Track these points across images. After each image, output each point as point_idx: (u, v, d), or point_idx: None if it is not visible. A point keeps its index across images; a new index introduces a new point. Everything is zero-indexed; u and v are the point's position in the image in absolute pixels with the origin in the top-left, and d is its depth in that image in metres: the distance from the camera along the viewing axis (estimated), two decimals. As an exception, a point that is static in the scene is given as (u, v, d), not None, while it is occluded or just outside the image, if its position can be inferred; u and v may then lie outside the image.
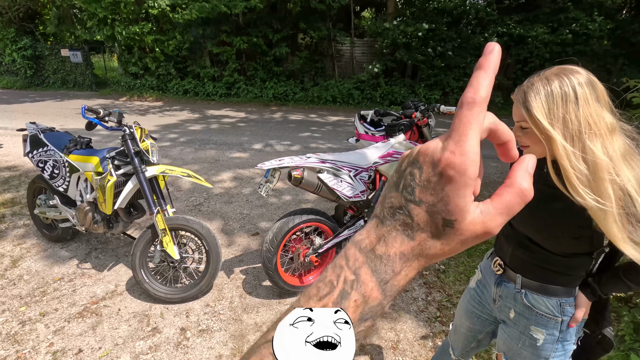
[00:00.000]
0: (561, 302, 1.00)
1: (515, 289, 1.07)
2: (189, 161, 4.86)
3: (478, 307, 1.25)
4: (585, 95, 0.82)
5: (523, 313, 1.06)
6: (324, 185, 2.12)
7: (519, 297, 1.06)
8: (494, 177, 4.85)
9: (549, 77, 0.86)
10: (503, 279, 1.12)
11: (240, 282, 2.47)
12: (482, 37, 9.71)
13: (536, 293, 1.03)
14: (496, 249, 1.18)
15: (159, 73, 10.33)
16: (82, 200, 2.43)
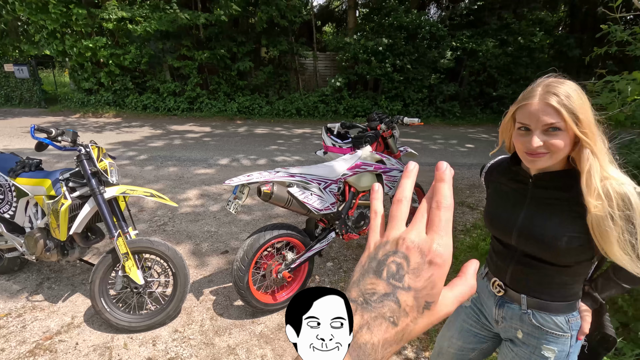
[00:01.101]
0: (568, 317, 1.01)
1: (521, 310, 1.05)
2: (151, 179, 4.66)
3: (475, 324, 1.22)
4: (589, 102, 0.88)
5: (532, 333, 1.04)
6: (294, 199, 2.11)
7: (526, 318, 1.04)
8: (482, 182, 5.05)
9: (567, 84, 0.89)
10: (505, 300, 1.09)
11: (211, 303, 2.37)
12: (437, 51, 10.24)
13: (544, 312, 1.01)
14: (490, 269, 1.16)
15: (115, 88, 9.90)
16: (31, 227, 2.25)
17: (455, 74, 11.13)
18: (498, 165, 1.16)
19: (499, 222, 1.07)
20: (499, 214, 1.08)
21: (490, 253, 1.17)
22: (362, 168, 2.46)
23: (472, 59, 10.57)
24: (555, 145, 0.89)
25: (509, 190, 1.07)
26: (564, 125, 0.87)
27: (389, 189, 2.71)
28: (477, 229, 3.48)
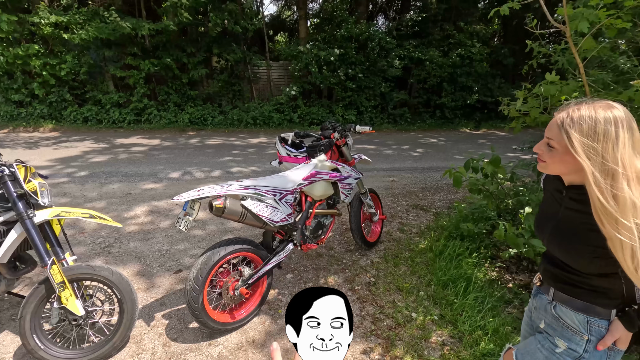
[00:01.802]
0: (589, 319, 1.00)
1: (547, 300, 1.11)
2: (93, 198, 4.31)
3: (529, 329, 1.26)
4: (624, 138, 0.85)
5: (551, 324, 1.09)
6: (248, 213, 2.04)
7: (549, 308, 1.09)
8: (433, 183, 5.23)
9: (596, 110, 0.88)
10: (539, 290, 1.17)
11: (163, 328, 2.21)
12: (385, 60, 10.65)
13: (564, 306, 1.05)
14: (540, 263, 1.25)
15: (50, 100, 9.12)
16: (-55, 260, 1.96)
17: (404, 82, 11.65)
18: None
19: (537, 224, 1.15)
20: (540, 219, 1.14)
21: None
22: (317, 177, 2.45)
23: (419, 68, 11.14)
24: (543, 158, 0.99)
25: (551, 197, 1.12)
26: (556, 144, 0.94)
27: (344, 197, 2.73)
28: (430, 231, 3.62)
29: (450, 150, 8.02)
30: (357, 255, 3.15)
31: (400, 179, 5.63)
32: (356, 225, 2.99)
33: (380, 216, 3.34)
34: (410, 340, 2.15)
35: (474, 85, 11.44)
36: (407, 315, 2.37)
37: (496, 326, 2.17)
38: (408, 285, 2.68)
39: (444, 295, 2.53)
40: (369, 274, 2.86)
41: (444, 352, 2.06)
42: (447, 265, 2.82)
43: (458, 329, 2.21)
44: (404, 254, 3.18)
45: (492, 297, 2.45)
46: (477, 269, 2.74)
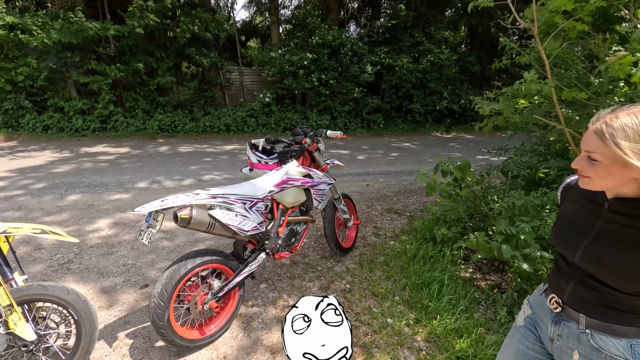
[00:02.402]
0: (632, 343, 0.94)
1: (579, 330, 1.00)
2: (52, 211, 4.05)
3: (532, 345, 1.16)
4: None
5: (590, 355, 0.98)
6: (217, 223, 1.96)
7: (584, 338, 0.99)
8: (407, 187, 5.27)
9: (636, 115, 0.86)
10: (562, 317, 1.05)
11: (127, 349, 2.07)
12: (358, 66, 10.79)
13: (604, 334, 0.96)
14: (550, 284, 1.12)
15: (5, 107, 8.57)
16: None
17: (377, 88, 11.84)
18: (576, 182, 1.11)
19: (565, 239, 1.04)
20: (567, 231, 1.05)
21: (553, 269, 1.14)
22: (289, 183, 2.40)
23: (390, 74, 11.36)
24: (586, 173, 0.92)
25: (582, 209, 1.04)
26: (600, 157, 0.88)
27: (317, 203, 2.69)
28: (404, 234, 3.64)
29: (423, 154, 8.18)
30: (332, 262, 3.11)
31: (375, 183, 5.67)
32: (330, 231, 2.95)
33: (355, 221, 3.32)
34: (387, 346, 2.12)
35: (444, 91, 11.79)
36: (383, 321, 2.35)
37: (470, 328, 2.18)
38: (383, 290, 2.66)
39: (419, 298, 2.53)
40: (344, 281, 2.82)
41: (420, 357, 2.04)
42: (421, 268, 2.83)
43: (433, 333, 2.21)
44: (379, 258, 3.17)
45: (465, 299, 2.48)
46: (449, 271, 2.77)
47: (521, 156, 3.06)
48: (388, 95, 11.99)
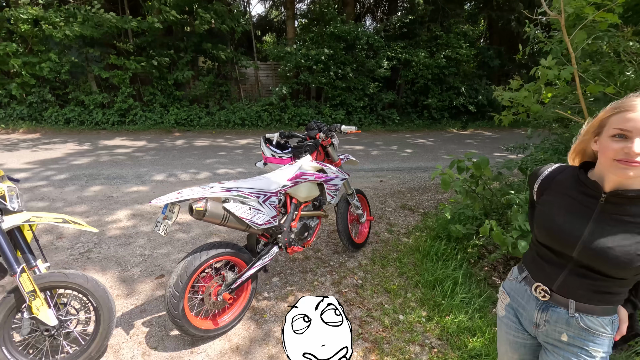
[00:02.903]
0: (612, 319, 1.03)
1: (568, 314, 1.04)
2: (73, 201, 4.17)
3: (519, 334, 1.19)
4: None
5: (579, 335, 1.04)
6: (231, 216, 1.98)
7: (574, 322, 1.04)
8: (421, 183, 5.23)
9: None
10: (550, 304, 1.08)
11: (143, 336, 2.13)
12: (374, 61, 10.67)
13: (590, 315, 1.02)
14: (532, 273, 1.13)
15: (30, 100, 8.85)
16: None
17: (392, 83, 11.69)
18: (558, 173, 1.11)
19: (558, 233, 1.03)
20: (558, 225, 1.04)
21: (532, 257, 1.15)
22: (302, 178, 2.41)
23: (407, 69, 11.19)
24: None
25: (572, 201, 1.03)
26: None
27: (331, 198, 2.68)
28: (418, 231, 3.60)
29: (438, 151, 8.06)
30: (345, 257, 3.11)
31: (389, 180, 5.62)
32: (343, 226, 2.95)
33: (368, 217, 3.31)
34: (398, 343, 2.11)
35: (461, 86, 11.54)
36: (395, 317, 2.34)
37: (484, 327, 2.15)
38: (395, 287, 2.65)
39: (432, 296, 2.51)
40: (357, 276, 2.82)
41: (431, 355, 2.03)
42: (434, 265, 2.80)
43: (445, 331, 2.19)
44: (391, 255, 3.15)
45: (480, 298, 2.44)
46: (463, 269, 2.73)
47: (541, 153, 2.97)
48: (404, 90, 11.83)
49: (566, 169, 1.11)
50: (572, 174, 1.07)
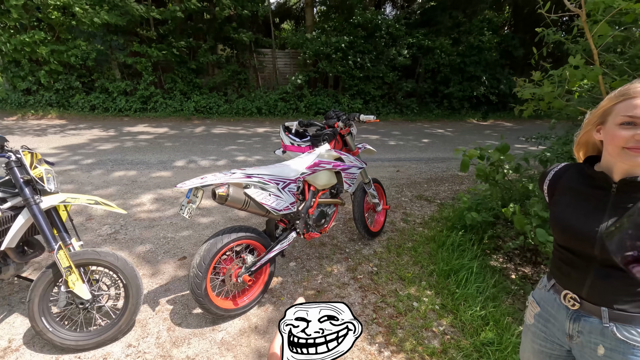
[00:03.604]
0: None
1: (602, 324, 0.96)
2: (100, 185, 4.36)
3: (545, 343, 1.13)
4: None
5: (617, 348, 0.95)
6: (251, 201, 2.05)
7: (609, 332, 0.95)
8: (438, 174, 5.21)
9: None
10: (581, 313, 1.01)
11: (168, 313, 2.26)
12: (394, 49, 10.50)
13: (629, 325, 0.93)
14: (560, 280, 1.07)
15: (57, 87, 9.17)
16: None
17: (412, 72, 11.49)
18: (565, 171, 1.08)
19: (575, 232, 0.98)
20: (574, 224, 0.99)
21: (557, 263, 1.09)
22: (320, 166, 2.45)
23: (427, 57, 10.96)
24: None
25: (583, 197, 1.00)
26: None
27: (348, 186, 2.73)
28: (434, 221, 3.61)
29: (457, 141, 7.94)
30: (360, 245, 3.16)
31: (405, 170, 5.61)
32: (359, 215, 2.99)
33: (384, 206, 3.34)
34: (411, 328, 2.17)
35: (482, 75, 11.24)
36: (409, 304, 2.38)
37: (497, 316, 2.18)
38: (410, 275, 2.69)
39: (446, 285, 2.54)
40: (372, 263, 2.87)
41: (444, 341, 2.07)
42: (450, 255, 2.82)
43: (459, 319, 2.22)
44: (407, 244, 3.18)
45: (494, 288, 2.46)
46: (479, 260, 2.74)
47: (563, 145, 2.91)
48: (423, 79, 11.62)
49: (572, 166, 1.09)
50: (578, 170, 1.05)
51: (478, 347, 2.00)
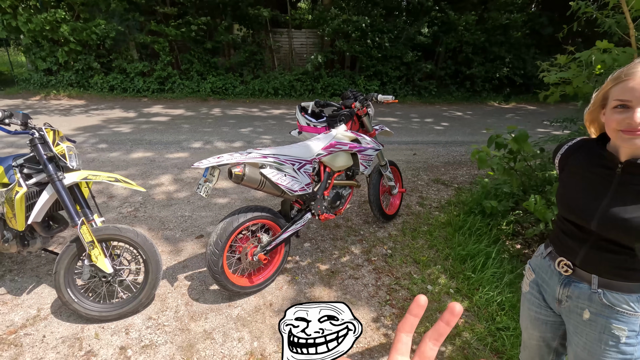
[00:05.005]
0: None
1: (591, 290, 1.02)
2: (120, 164, 4.46)
3: (541, 311, 1.18)
4: None
5: (602, 312, 1.01)
6: (267, 181, 2.06)
7: (596, 297, 1.01)
8: (456, 158, 5.12)
9: None
10: (572, 279, 1.07)
11: (186, 289, 2.32)
12: (414, 28, 10.14)
13: (615, 291, 0.99)
14: (557, 248, 1.12)
15: (76, 68, 9.31)
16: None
17: (431, 53, 11.11)
18: (579, 147, 1.09)
19: (577, 207, 1.02)
20: (577, 199, 1.03)
21: (557, 232, 1.14)
22: (337, 147, 2.42)
23: (449, 35, 10.55)
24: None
25: (590, 174, 1.02)
26: None
27: (364, 168, 2.69)
28: (451, 206, 3.55)
29: (476, 125, 7.72)
30: (375, 227, 3.15)
31: (422, 153, 5.51)
32: (375, 197, 2.97)
33: (400, 189, 3.30)
34: (425, 311, 2.16)
35: (506, 56, 10.77)
36: (423, 287, 2.38)
37: (513, 302, 2.15)
38: (425, 258, 2.68)
39: (462, 269, 2.51)
40: (386, 246, 2.86)
41: (458, 324, 2.07)
42: (466, 240, 2.78)
43: (474, 303, 2.21)
44: (422, 227, 3.15)
45: (511, 274, 2.42)
46: (497, 245, 2.69)
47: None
48: (444, 60, 11.23)
49: (586, 142, 1.09)
50: (590, 147, 1.05)
51: (493, 331, 1.99)
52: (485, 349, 1.90)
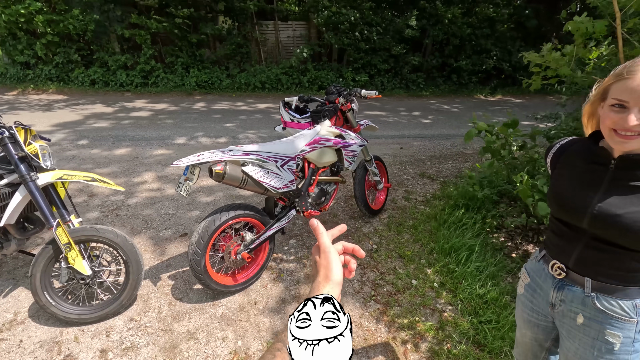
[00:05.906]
0: (636, 302, 0.95)
1: (584, 293, 1.00)
2: (101, 162, 4.35)
3: (534, 314, 1.17)
4: None
5: (595, 317, 0.98)
6: (249, 179, 2.03)
7: (589, 301, 0.99)
8: (443, 151, 5.14)
9: None
10: (565, 282, 1.05)
11: (169, 288, 2.29)
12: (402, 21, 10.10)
13: (610, 296, 0.96)
14: (550, 251, 1.11)
15: (56, 61, 9.01)
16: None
17: (419, 45, 11.11)
18: (570, 145, 1.08)
19: (568, 204, 1.00)
20: (568, 196, 1.01)
21: (549, 234, 1.12)
22: (321, 143, 2.40)
23: (436, 28, 10.55)
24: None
25: (582, 171, 1.01)
26: None
27: (349, 164, 2.68)
28: (436, 200, 3.58)
29: (463, 117, 7.78)
30: (361, 223, 3.15)
31: (409, 147, 5.53)
32: (360, 193, 2.96)
33: (385, 184, 3.30)
34: (409, 306, 2.18)
35: (493, 49, 10.84)
36: (407, 282, 2.40)
37: (496, 295, 2.18)
38: (410, 252, 2.69)
39: (446, 263, 2.54)
40: (372, 241, 2.87)
41: (441, 319, 2.09)
42: (451, 234, 2.80)
43: (457, 297, 2.23)
44: (407, 222, 3.17)
45: (495, 267, 2.45)
46: (480, 239, 2.72)
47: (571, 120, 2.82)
48: (431, 52, 11.24)
49: (578, 140, 1.09)
50: (582, 145, 1.05)
51: (475, 325, 2.02)
52: (468, 342, 1.93)
